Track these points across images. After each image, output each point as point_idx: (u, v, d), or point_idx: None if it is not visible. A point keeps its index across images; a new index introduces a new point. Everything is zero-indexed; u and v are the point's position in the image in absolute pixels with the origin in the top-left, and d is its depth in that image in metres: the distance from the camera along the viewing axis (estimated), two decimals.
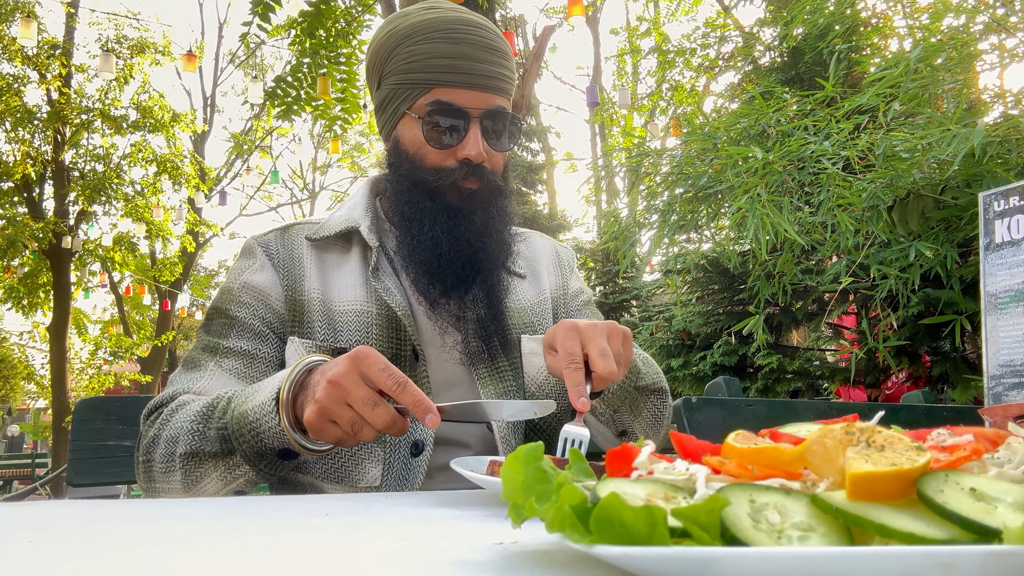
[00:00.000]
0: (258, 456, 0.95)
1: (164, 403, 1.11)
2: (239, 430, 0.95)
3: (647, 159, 3.01)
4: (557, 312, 1.37)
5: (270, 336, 1.18)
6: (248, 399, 0.96)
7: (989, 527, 0.35)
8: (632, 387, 1.17)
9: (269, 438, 0.93)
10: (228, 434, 0.96)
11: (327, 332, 1.16)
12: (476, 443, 1.21)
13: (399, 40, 1.18)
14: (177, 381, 1.15)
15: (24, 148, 11.59)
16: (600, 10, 17.82)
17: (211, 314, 1.22)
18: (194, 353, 1.18)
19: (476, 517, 0.69)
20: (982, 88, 2.60)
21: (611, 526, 0.37)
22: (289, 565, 0.48)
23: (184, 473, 1.01)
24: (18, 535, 0.59)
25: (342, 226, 1.23)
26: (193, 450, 0.99)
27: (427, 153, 1.18)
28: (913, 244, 2.04)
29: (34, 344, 17.74)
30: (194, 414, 1.02)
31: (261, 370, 1.16)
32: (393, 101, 1.20)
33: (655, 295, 9.74)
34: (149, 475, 1.06)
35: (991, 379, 1.10)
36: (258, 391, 0.96)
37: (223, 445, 0.97)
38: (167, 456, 1.03)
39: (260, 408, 0.92)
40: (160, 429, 1.06)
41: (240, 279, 1.21)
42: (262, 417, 0.92)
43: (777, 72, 4.82)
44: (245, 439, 0.94)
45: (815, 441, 0.44)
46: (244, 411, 0.94)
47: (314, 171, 23.70)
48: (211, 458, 0.98)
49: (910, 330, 4.20)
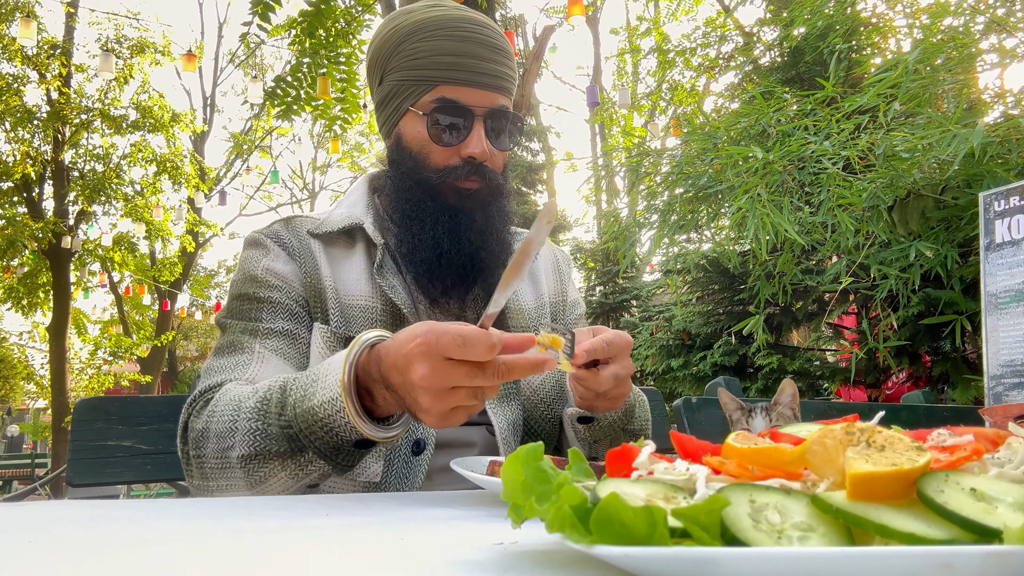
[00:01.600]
0: (334, 451, 0.92)
1: (210, 390, 1.07)
2: (309, 428, 0.90)
3: (647, 159, 3.01)
4: (555, 319, 1.37)
5: (304, 317, 1.16)
6: (309, 394, 0.91)
7: (989, 527, 0.35)
8: (621, 427, 1.19)
9: (345, 432, 0.89)
10: (295, 432, 0.91)
11: (340, 321, 1.16)
12: (478, 444, 1.21)
13: (403, 37, 1.17)
14: (219, 369, 1.10)
15: (24, 148, 11.59)
16: (600, 10, 17.82)
17: (236, 301, 1.18)
18: (232, 338, 1.14)
19: (476, 517, 0.69)
20: (982, 88, 2.59)
21: (611, 526, 0.37)
22: (289, 565, 0.48)
23: (247, 473, 0.96)
24: (18, 535, 0.59)
25: (345, 223, 1.22)
26: (255, 451, 0.95)
27: (431, 151, 1.17)
28: (913, 244, 2.04)
29: (34, 344, 17.74)
30: (248, 411, 0.97)
31: (302, 351, 1.14)
32: (396, 97, 1.19)
33: (655, 295, 9.74)
34: (202, 472, 1.01)
35: (991, 379, 1.10)
36: (315, 384, 0.91)
37: (291, 444, 0.92)
38: (220, 454, 0.98)
39: (330, 405, 0.88)
40: (208, 422, 1.00)
41: (261, 265, 1.18)
42: (334, 414, 0.88)
43: (777, 72, 4.82)
44: (317, 436, 0.90)
45: (815, 441, 0.44)
46: (310, 408, 0.90)
47: (314, 171, 23.70)
48: (277, 457, 0.94)
49: (910, 330, 4.20)
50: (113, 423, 1.35)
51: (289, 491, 0.98)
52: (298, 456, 0.93)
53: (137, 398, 1.42)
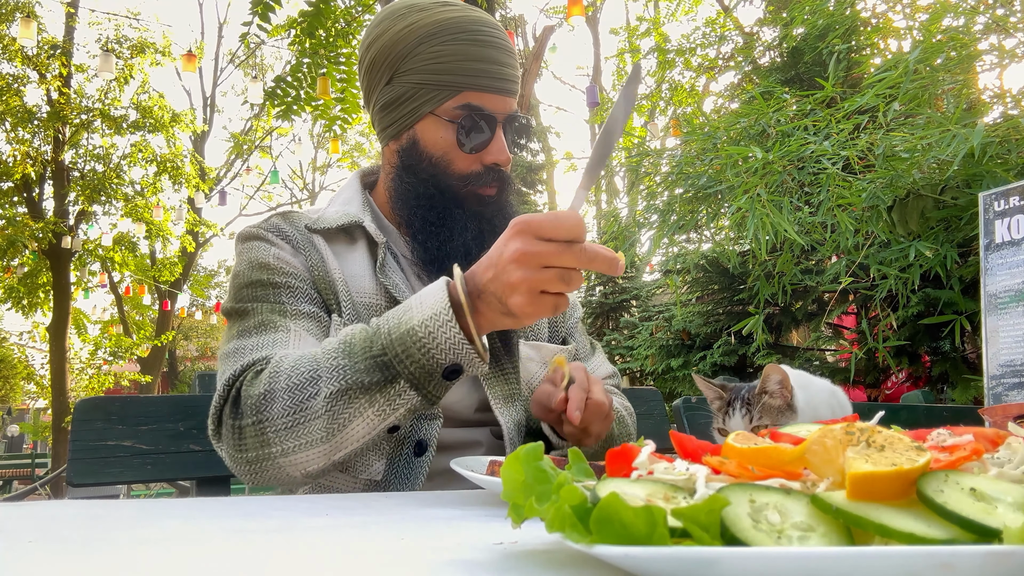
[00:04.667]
0: (428, 376, 0.90)
1: (255, 364, 1.01)
2: (406, 350, 0.89)
3: (647, 159, 3.01)
4: (555, 324, 1.37)
5: (322, 304, 1.13)
6: (406, 319, 0.90)
7: (989, 527, 0.35)
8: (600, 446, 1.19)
9: (442, 352, 0.88)
10: (388, 360, 0.89)
11: (352, 314, 1.13)
12: (484, 445, 1.21)
13: (422, 38, 1.14)
14: (255, 347, 1.03)
15: (24, 148, 11.59)
16: (600, 10, 17.82)
17: (249, 289, 1.11)
18: (259, 318, 1.08)
19: (476, 517, 0.69)
20: (982, 88, 2.60)
21: (611, 526, 0.37)
22: (289, 565, 0.48)
23: (331, 417, 0.92)
24: (18, 535, 0.59)
25: (342, 220, 1.20)
26: (344, 386, 0.91)
27: (454, 157, 1.16)
28: (913, 244, 2.04)
29: (34, 344, 17.73)
30: (330, 353, 0.93)
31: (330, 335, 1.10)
32: (413, 100, 1.17)
33: (655, 295, 9.73)
34: (263, 439, 0.95)
35: (991, 379, 1.10)
36: (411, 309, 0.91)
37: (384, 373, 0.90)
38: (297, 406, 0.93)
39: (432, 321, 0.88)
40: (272, 382, 0.95)
41: (271, 253, 1.14)
42: (436, 330, 0.87)
43: (777, 72, 4.82)
44: (414, 358, 0.89)
45: (815, 441, 0.44)
46: (409, 328, 0.89)
47: (314, 171, 23.69)
48: (366, 392, 0.91)
49: (910, 330, 4.20)
50: (113, 423, 1.35)
51: (369, 437, 0.94)
52: (388, 388, 0.91)
53: (137, 398, 1.42)
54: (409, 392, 0.91)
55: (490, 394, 1.18)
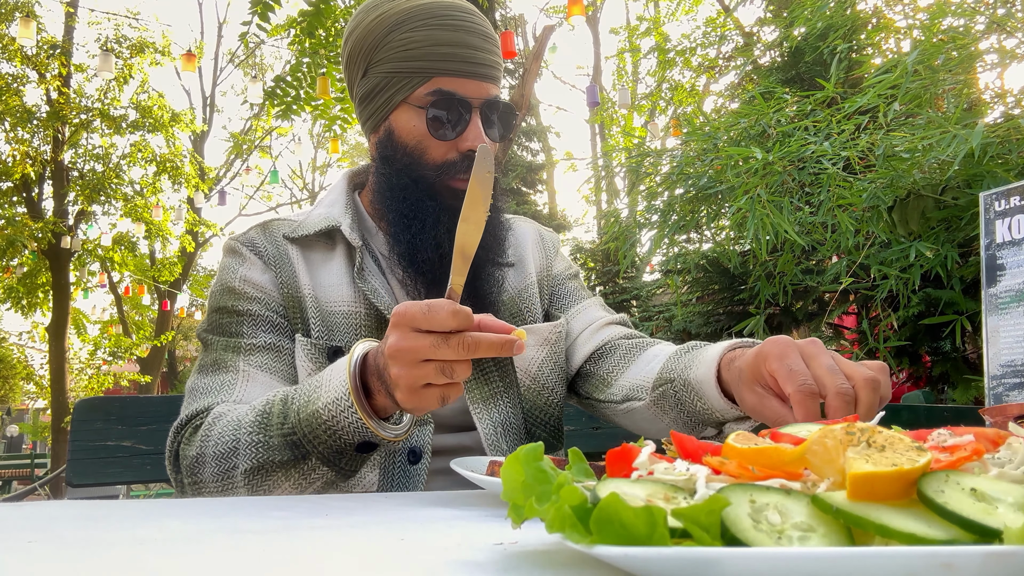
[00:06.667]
0: (337, 455, 0.91)
1: (197, 415, 1.05)
2: (312, 432, 0.90)
3: (647, 159, 3.01)
4: (542, 291, 1.32)
5: (286, 328, 1.14)
6: (313, 399, 0.90)
7: (989, 527, 0.35)
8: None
9: (348, 434, 0.88)
10: (298, 439, 0.91)
11: (321, 331, 1.13)
12: (475, 452, 1.19)
13: (391, 26, 1.13)
14: (205, 390, 1.08)
15: (23, 148, 11.58)
16: (600, 10, 17.82)
17: (215, 315, 1.15)
18: (215, 355, 1.12)
19: (476, 517, 0.69)
20: (982, 88, 2.60)
21: (611, 526, 0.37)
22: (289, 565, 0.48)
23: (250, 488, 0.96)
24: (18, 535, 0.59)
25: (321, 225, 1.18)
26: (259, 464, 0.94)
27: (428, 145, 1.14)
28: (913, 244, 2.04)
29: (33, 344, 17.71)
30: (248, 425, 0.96)
31: (288, 363, 1.11)
32: (386, 90, 1.15)
33: (655, 295, 9.73)
34: (201, 494, 1.00)
35: (992, 379, 1.09)
36: (319, 388, 0.91)
37: (294, 451, 0.92)
38: (223, 474, 0.97)
39: (335, 405, 0.88)
40: (203, 446, 0.99)
41: (238, 275, 1.16)
42: (339, 414, 0.87)
43: (777, 72, 4.82)
44: (320, 440, 0.90)
45: (815, 441, 0.44)
46: (314, 411, 0.89)
47: (314, 171, 23.69)
48: (281, 468, 0.94)
49: (910, 330, 4.19)
50: (113, 423, 1.35)
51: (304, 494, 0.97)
52: (301, 464, 0.93)
53: (137, 398, 1.42)
54: (322, 468, 0.93)
55: (468, 398, 1.16)
